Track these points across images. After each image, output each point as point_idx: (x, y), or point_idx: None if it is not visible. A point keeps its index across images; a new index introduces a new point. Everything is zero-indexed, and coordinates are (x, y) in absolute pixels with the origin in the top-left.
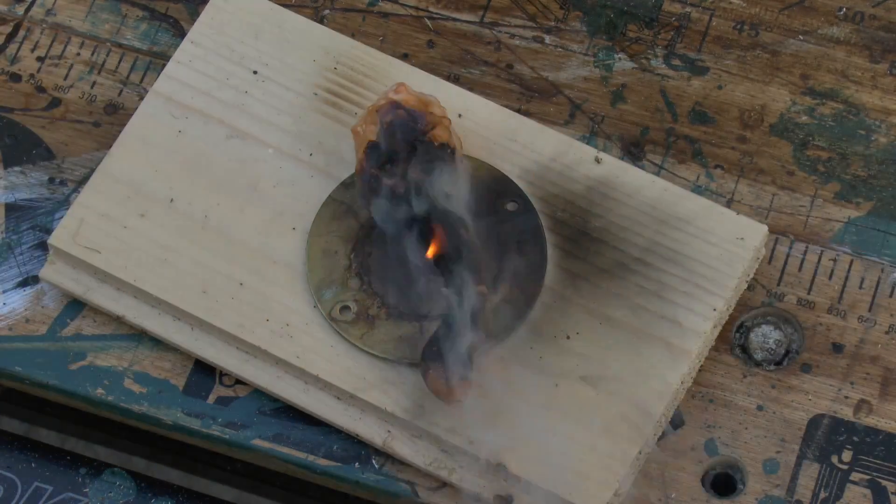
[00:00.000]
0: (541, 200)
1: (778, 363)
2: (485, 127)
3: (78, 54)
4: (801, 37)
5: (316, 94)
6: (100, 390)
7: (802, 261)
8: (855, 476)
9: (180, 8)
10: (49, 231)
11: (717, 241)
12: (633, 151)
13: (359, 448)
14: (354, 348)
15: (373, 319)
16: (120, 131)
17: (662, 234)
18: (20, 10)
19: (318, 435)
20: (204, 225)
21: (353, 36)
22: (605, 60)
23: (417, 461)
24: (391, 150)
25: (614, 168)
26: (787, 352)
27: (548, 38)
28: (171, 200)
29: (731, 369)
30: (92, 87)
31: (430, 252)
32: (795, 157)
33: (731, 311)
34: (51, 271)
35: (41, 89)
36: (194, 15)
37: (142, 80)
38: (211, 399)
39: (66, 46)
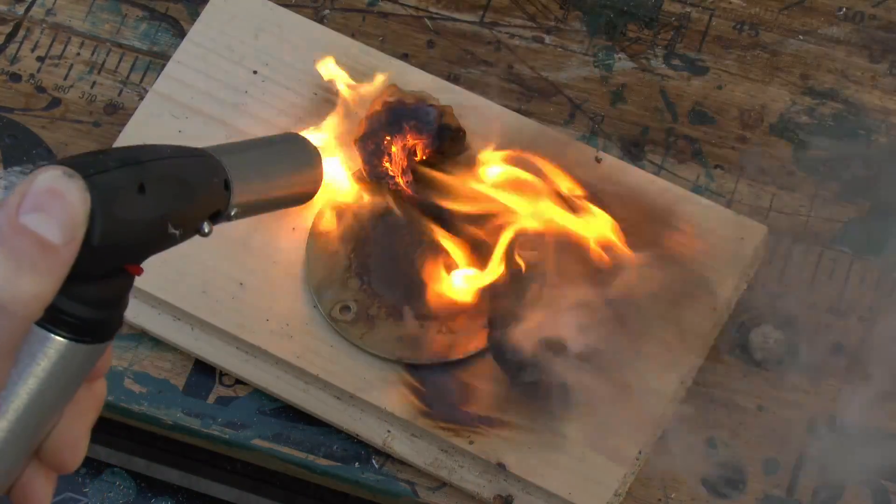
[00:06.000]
0: None
1: (778, 363)
2: (485, 127)
3: (78, 54)
4: (801, 37)
5: (316, 94)
6: None
7: (802, 261)
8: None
9: (180, 8)
10: None
11: (717, 241)
12: (633, 151)
13: (359, 448)
14: (354, 348)
15: (373, 319)
16: (120, 131)
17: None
18: (20, 10)
19: (318, 435)
20: None
21: (353, 36)
22: (605, 60)
23: (417, 461)
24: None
25: (614, 168)
26: (787, 352)
27: (548, 38)
28: None
29: (731, 369)
30: (92, 87)
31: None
32: (795, 157)
33: (731, 311)
34: None
35: (41, 89)
36: (194, 15)
37: (142, 80)
38: (211, 399)
39: (66, 46)
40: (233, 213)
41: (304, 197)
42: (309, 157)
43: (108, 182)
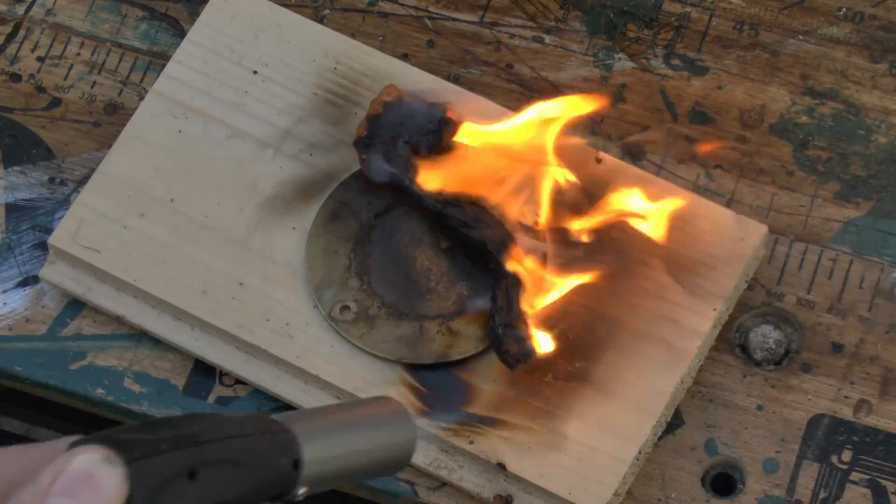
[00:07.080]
0: None
1: (778, 363)
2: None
3: (78, 54)
4: (801, 37)
5: (316, 94)
6: (100, 390)
7: (802, 261)
8: (855, 476)
9: (180, 8)
10: (49, 231)
11: (717, 240)
12: (633, 151)
13: None
14: (354, 348)
15: (373, 319)
16: (120, 131)
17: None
18: (20, 10)
19: None
20: (204, 225)
21: (353, 36)
22: (605, 60)
23: (417, 461)
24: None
25: (614, 168)
26: (787, 352)
27: (548, 38)
28: (171, 200)
29: (731, 369)
30: (92, 87)
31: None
32: (795, 157)
33: (731, 311)
34: (51, 271)
35: (41, 89)
36: (194, 15)
37: (142, 80)
38: (211, 399)
39: (66, 46)
40: (299, 493)
41: (390, 471)
42: (401, 427)
43: (155, 470)
